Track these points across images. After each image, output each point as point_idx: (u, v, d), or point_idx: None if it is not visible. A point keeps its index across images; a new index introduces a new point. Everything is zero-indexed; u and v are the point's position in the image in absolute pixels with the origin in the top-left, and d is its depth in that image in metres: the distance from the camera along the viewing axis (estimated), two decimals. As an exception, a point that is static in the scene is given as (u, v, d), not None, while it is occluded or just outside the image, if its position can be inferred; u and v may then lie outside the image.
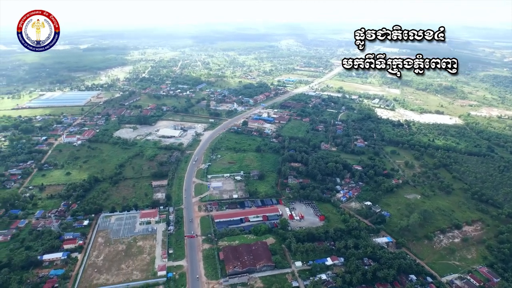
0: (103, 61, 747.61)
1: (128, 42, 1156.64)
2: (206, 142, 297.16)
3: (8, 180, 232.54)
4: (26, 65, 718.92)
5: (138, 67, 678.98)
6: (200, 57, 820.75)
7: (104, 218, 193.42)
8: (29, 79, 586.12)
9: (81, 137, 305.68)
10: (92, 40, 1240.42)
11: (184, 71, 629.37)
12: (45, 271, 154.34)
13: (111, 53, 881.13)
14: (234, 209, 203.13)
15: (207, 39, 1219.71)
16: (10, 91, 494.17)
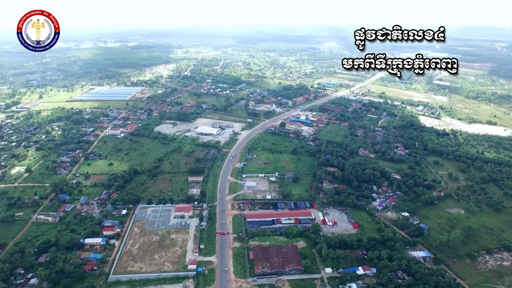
0: (148, 59, 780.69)
1: (172, 40, 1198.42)
2: (243, 141, 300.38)
3: (59, 167, 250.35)
4: (80, 61, 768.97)
5: (181, 65, 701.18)
6: (241, 57, 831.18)
7: (141, 209, 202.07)
8: (82, 74, 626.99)
9: (124, 130, 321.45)
10: (140, 38, 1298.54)
11: (225, 70, 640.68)
12: (86, 254, 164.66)
13: (156, 51, 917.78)
14: (267, 210, 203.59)
15: (249, 39, 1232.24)
16: (65, 85, 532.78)
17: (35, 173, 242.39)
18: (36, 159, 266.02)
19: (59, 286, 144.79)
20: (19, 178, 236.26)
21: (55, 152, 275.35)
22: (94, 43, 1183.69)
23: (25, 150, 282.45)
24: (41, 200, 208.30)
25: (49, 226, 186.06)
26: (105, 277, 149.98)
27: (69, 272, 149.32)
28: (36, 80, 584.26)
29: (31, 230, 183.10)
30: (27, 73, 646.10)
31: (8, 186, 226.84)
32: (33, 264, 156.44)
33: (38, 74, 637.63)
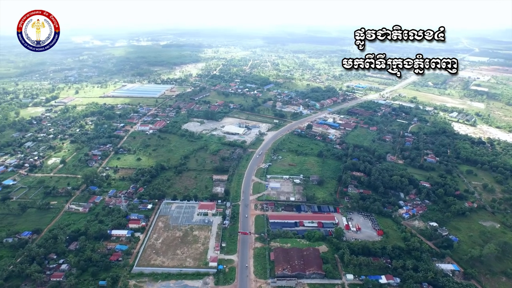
0: (178, 57, 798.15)
1: (203, 40, 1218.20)
2: (268, 142, 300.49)
3: (90, 160, 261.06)
4: (114, 59, 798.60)
5: (210, 64, 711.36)
6: (270, 58, 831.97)
7: (166, 205, 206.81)
8: (115, 71, 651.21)
9: (153, 126, 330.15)
10: (171, 37, 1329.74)
11: (254, 70, 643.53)
12: (112, 245, 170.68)
13: (187, 50, 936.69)
14: (290, 212, 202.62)
15: (278, 40, 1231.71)
16: (100, 81, 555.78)
17: (69, 165, 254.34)
18: (70, 151, 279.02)
19: (86, 273, 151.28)
20: (54, 169, 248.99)
21: (87, 145, 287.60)
22: (128, 41, 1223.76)
23: (61, 142, 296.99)
24: (73, 190, 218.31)
25: (80, 216, 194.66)
26: (129, 268, 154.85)
27: (96, 261, 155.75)
28: (73, 76, 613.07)
29: (63, 218, 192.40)
30: (66, 70, 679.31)
31: (45, 175, 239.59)
32: (64, 251, 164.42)
33: (75, 70, 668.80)
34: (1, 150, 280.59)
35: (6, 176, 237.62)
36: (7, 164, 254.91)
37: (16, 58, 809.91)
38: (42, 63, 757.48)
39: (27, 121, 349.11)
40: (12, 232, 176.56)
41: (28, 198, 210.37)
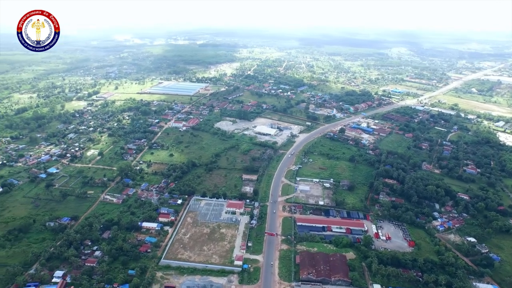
0: (214, 57, 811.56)
1: (238, 40, 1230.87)
2: (300, 144, 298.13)
3: (126, 153, 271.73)
4: (152, 57, 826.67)
5: (245, 64, 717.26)
6: (305, 60, 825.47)
7: (195, 201, 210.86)
8: (153, 69, 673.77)
9: (187, 124, 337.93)
10: (208, 37, 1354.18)
11: (288, 72, 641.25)
12: (142, 236, 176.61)
13: (222, 50, 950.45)
14: (318, 216, 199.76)
15: (314, 42, 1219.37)
16: (138, 78, 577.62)
17: (105, 157, 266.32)
18: (108, 144, 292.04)
19: (117, 261, 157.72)
20: (93, 160, 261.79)
21: (123, 139, 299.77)
22: (166, 40, 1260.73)
23: (100, 135, 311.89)
24: (109, 181, 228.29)
25: (113, 206, 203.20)
26: (157, 260, 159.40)
27: (126, 251, 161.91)
28: (113, 72, 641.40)
29: (98, 207, 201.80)
30: (107, 66, 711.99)
31: (84, 166, 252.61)
32: (98, 238, 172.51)
33: (116, 67, 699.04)
34: (48, 140, 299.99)
35: (50, 164, 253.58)
36: (52, 153, 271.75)
37: (64, 54, 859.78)
38: (87, 59, 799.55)
39: (71, 114, 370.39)
40: (54, 217, 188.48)
41: (69, 186, 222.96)
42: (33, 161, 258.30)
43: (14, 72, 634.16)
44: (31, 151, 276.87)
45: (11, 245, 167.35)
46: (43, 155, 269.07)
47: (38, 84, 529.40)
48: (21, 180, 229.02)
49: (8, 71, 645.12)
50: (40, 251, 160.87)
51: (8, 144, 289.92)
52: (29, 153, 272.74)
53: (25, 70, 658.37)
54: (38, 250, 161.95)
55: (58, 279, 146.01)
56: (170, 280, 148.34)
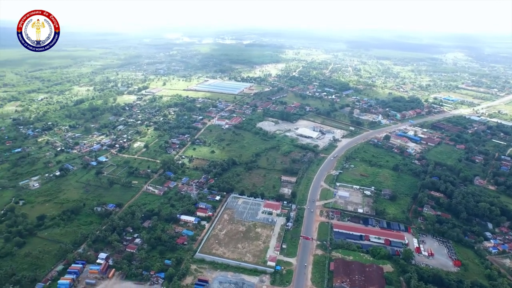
0: (259, 57, 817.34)
1: (285, 41, 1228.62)
2: (342, 149, 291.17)
3: (169, 147, 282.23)
4: (200, 55, 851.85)
5: (290, 65, 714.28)
6: (351, 63, 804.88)
7: (233, 198, 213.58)
8: (200, 67, 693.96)
9: (229, 122, 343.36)
10: (254, 37, 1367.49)
11: (333, 75, 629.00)
12: (179, 229, 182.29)
13: (268, 50, 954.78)
14: (356, 224, 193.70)
15: (362, 44, 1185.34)
16: (185, 75, 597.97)
17: (150, 149, 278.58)
18: (153, 137, 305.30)
19: (155, 250, 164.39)
20: (138, 152, 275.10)
21: (168, 134, 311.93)
22: (214, 39, 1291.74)
23: (146, 128, 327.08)
24: (152, 173, 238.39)
25: (155, 197, 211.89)
26: (192, 253, 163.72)
27: (164, 241, 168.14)
28: (163, 69, 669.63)
29: (141, 197, 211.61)
30: (157, 63, 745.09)
31: (130, 157, 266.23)
32: (139, 227, 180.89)
33: (165, 64, 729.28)
34: (100, 130, 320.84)
35: (101, 153, 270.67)
36: (103, 143, 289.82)
37: (119, 51, 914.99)
38: (139, 56, 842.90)
39: (121, 107, 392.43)
40: (101, 203, 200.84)
41: (115, 175, 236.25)
42: (86, 149, 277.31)
43: (76, 67, 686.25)
44: (85, 140, 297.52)
45: (64, 224, 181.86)
46: (95, 144, 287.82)
47: (95, 78, 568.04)
48: (75, 166, 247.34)
49: (71, 65, 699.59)
50: (87, 233, 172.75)
51: (67, 132, 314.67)
52: (83, 141, 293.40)
53: (85, 65, 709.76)
54: (86, 231, 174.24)
55: (102, 260, 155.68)
56: (203, 273, 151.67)
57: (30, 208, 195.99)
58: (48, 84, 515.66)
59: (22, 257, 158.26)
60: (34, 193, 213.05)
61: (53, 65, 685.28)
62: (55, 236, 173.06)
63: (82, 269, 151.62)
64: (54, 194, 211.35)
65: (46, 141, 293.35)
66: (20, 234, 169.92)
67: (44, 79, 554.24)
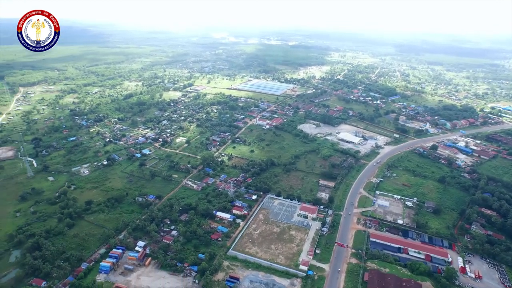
0: (304, 58, 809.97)
1: (331, 43, 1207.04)
2: (384, 156, 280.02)
3: (210, 144, 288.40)
4: (245, 55, 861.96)
5: (335, 68, 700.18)
6: (400, 67, 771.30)
7: (269, 199, 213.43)
8: (244, 66, 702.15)
9: (270, 122, 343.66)
10: (300, 38, 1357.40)
11: (380, 79, 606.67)
12: (215, 225, 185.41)
13: (313, 52, 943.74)
14: (395, 235, 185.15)
15: (412, 48, 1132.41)
16: (229, 74, 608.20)
17: (192, 145, 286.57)
18: (195, 133, 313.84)
19: (190, 243, 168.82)
20: (180, 147, 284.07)
21: (210, 131, 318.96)
22: (259, 39, 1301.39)
23: (189, 124, 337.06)
24: (192, 169, 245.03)
25: (193, 192, 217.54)
26: (225, 250, 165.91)
27: (199, 235, 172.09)
28: (208, 67, 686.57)
29: (180, 191, 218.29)
30: (203, 61, 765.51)
31: (172, 151, 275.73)
32: (176, 219, 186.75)
33: (210, 63, 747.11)
34: (145, 124, 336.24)
35: (145, 146, 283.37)
36: (147, 136, 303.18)
37: (168, 49, 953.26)
38: (186, 54, 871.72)
39: (167, 103, 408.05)
40: (142, 194, 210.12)
41: (157, 168, 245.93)
42: (132, 141, 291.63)
43: (127, 63, 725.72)
44: (132, 133, 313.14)
45: (108, 211, 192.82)
46: (140, 137, 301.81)
47: (144, 74, 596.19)
48: (121, 157, 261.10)
49: (123, 61, 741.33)
50: (128, 221, 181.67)
51: (115, 124, 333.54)
52: (130, 134, 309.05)
53: (135, 61, 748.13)
54: (127, 219, 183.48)
55: (140, 248, 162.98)
56: (235, 271, 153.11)
57: (80, 193, 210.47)
58: (102, 79, 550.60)
59: (71, 237, 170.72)
60: (84, 179, 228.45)
61: (107, 61, 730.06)
62: (99, 221, 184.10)
63: (122, 255, 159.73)
64: (101, 181, 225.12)
65: (97, 131, 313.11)
66: (71, 216, 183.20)
67: (99, 73, 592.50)
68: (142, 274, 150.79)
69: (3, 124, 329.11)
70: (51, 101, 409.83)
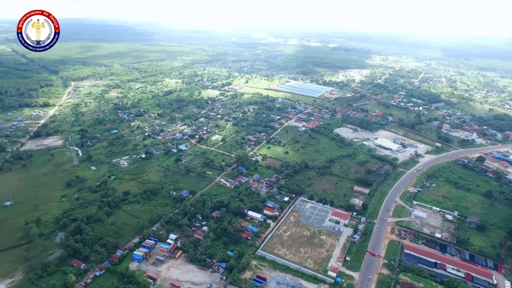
0: (344, 61, 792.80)
1: (372, 46, 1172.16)
2: (423, 165, 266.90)
3: (245, 143, 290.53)
4: (284, 56, 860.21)
5: (376, 72, 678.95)
6: (446, 73, 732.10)
7: (301, 202, 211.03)
8: (282, 67, 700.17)
9: (306, 125, 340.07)
10: (341, 40, 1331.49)
11: (423, 85, 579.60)
12: (245, 223, 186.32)
13: (354, 55, 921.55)
14: (431, 249, 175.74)
15: (461, 53, 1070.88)
16: (267, 74, 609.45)
17: (227, 143, 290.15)
18: (231, 132, 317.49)
19: (220, 240, 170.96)
20: (215, 144, 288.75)
21: (245, 130, 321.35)
22: (299, 40, 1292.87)
23: (225, 123, 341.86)
24: (226, 166, 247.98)
25: (226, 190, 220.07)
26: (254, 249, 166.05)
27: (229, 233, 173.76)
28: (246, 67, 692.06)
29: (213, 188, 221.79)
30: (242, 61, 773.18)
31: (207, 148, 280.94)
32: (208, 215, 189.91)
33: (249, 62, 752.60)
34: (183, 120, 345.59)
35: (181, 142, 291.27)
36: (184, 132, 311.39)
37: (208, 48, 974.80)
38: (225, 53, 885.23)
39: (205, 100, 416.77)
40: (177, 188, 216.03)
41: (192, 164, 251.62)
42: (169, 136, 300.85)
43: (169, 60, 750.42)
44: (169, 128, 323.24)
45: (144, 202, 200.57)
46: (178, 133, 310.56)
47: (184, 72, 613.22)
48: (158, 151, 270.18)
49: (165, 59, 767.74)
50: (162, 214, 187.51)
51: (155, 120, 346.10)
52: (168, 129, 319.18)
53: (177, 59, 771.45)
54: (161, 212, 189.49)
55: (171, 241, 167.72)
56: (262, 271, 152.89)
57: (118, 183, 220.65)
58: (144, 75, 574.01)
59: (108, 224, 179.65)
60: (123, 170, 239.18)
61: (150, 58, 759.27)
62: (135, 211, 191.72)
63: (154, 246, 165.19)
64: (138, 174, 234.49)
65: (137, 125, 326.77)
66: (109, 205, 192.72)
67: (142, 70, 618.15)
68: (172, 266, 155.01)
69: (55, 115, 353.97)
70: (97, 95, 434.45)
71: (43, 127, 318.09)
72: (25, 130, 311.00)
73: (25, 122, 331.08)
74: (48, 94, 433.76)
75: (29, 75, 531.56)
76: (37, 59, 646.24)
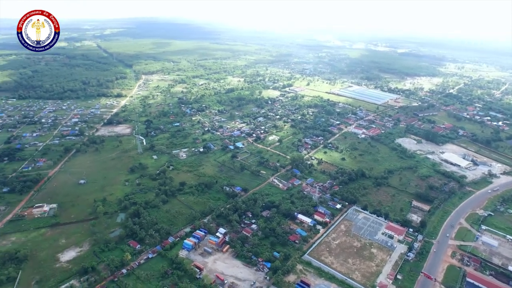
0: (413, 68, 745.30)
1: (447, 53, 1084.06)
2: (499, 187, 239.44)
3: (301, 146, 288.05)
4: (348, 59, 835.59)
5: (448, 81, 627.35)
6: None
7: (354, 211, 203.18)
8: (346, 71, 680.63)
9: (366, 132, 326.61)
10: (412, 46, 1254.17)
11: (506, 97, 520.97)
12: (294, 226, 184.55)
13: (424, 62, 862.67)
14: (502, 283, 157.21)
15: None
16: (329, 78, 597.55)
17: (283, 145, 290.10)
18: (288, 133, 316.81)
19: (267, 240, 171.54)
20: (272, 145, 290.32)
21: (303, 133, 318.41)
22: (366, 45, 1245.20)
23: (283, 124, 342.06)
24: (280, 167, 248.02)
25: (278, 190, 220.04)
26: (301, 253, 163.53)
27: (277, 234, 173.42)
28: (309, 69, 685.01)
29: (265, 187, 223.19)
30: (304, 63, 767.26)
31: (264, 148, 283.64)
32: (258, 214, 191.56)
33: (312, 65, 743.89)
34: (242, 118, 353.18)
35: (239, 139, 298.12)
36: (242, 130, 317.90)
37: (272, 48, 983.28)
38: (289, 55, 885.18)
39: (264, 100, 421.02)
40: (230, 184, 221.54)
41: (247, 161, 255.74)
42: (228, 133, 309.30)
43: (233, 59, 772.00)
44: (228, 125, 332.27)
45: (198, 194, 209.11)
46: (236, 130, 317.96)
47: (247, 71, 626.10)
48: (216, 146, 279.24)
49: (229, 57, 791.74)
50: (214, 207, 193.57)
51: (215, 116, 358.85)
52: (226, 126, 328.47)
53: (240, 58, 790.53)
54: (213, 205, 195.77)
55: (220, 235, 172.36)
56: (307, 276, 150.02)
57: (176, 174, 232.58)
58: (208, 72, 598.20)
59: (163, 212, 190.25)
60: (181, 162, 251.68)
61: (216, 56, 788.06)
62: (189, 202, 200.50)
63: (204, 237, 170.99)
64: (195, 166, 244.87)
65: (198, 120, 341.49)
66: (166, 193, 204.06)
67: (207, 67, 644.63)
68: (218, 259, 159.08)
69: (126, 105, 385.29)
70: (164, 88, 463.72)
71: (115, 115, 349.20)
72: (100, 117, 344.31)
73: (101, 110, 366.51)
74: (122, 85, 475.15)
75: (108, 68, 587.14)
76: (116, 54, 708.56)
